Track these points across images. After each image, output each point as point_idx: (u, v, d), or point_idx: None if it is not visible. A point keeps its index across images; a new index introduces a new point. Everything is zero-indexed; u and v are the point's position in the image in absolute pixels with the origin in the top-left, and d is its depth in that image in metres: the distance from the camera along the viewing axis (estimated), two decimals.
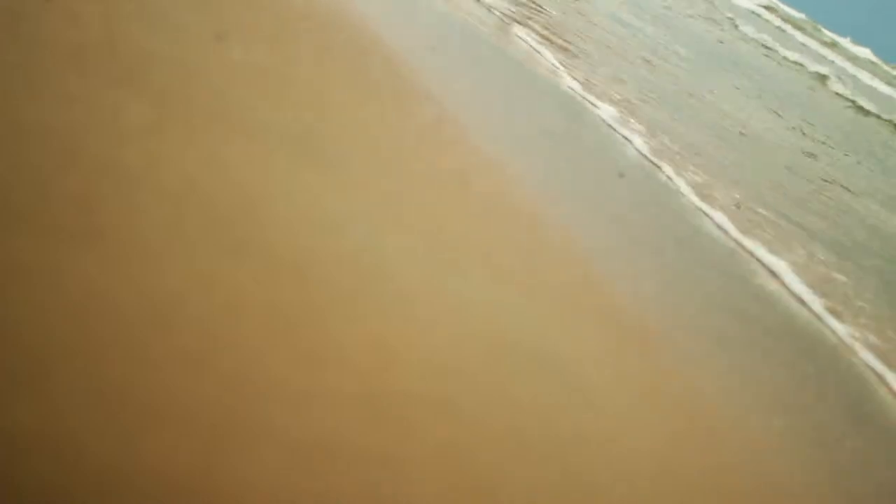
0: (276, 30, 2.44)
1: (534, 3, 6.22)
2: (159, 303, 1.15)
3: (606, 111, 4.35)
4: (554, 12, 6.47)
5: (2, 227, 1.11)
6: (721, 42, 12.44)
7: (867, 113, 12.92)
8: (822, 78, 13.87)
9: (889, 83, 17.12)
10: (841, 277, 3.99)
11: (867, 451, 2.53)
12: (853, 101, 13.16)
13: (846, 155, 8.60)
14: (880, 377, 2.99)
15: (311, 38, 2.57)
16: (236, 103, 1.84)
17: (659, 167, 4.03)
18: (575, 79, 4.63)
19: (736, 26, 14.93)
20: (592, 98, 4.46)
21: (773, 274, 3.46)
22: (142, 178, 1.38)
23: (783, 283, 3.43)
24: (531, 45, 4.94)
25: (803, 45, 17.06)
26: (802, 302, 3.36)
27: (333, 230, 1.63)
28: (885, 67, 19.56)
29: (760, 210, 4.37)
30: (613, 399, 1.75)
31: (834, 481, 2.17)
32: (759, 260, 3.55)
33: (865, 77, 16.63)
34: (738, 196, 4.35)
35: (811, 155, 7.29)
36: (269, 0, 2.67)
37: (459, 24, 4.46)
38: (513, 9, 5.69)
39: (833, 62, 16.43)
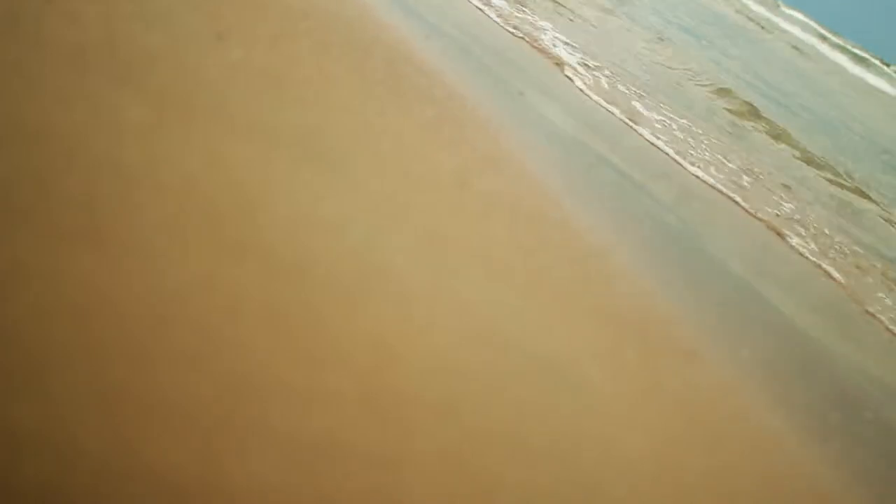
0: (276, 30, 2.44)
1: None
2: (159, 303, 1.15)
3: None
4: None
5: (2, 227, 1.11)
6: None
7: None
8: None
9: None
10: None
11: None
12: None
13: None
14: None
15: (311, 38, 2.57)
16: (236, 103, 1.84)
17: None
18: None
19: None
20: None
21: None
22: (142, 178, 1.38)
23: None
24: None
25: None
26: None
27: (333, 230, 1.63)
28: None
29: None
30: (613, 399, 1.75)
31: (836, 481, 2.17)
32: None
33: None
34: None
35: None
36: (269, 0, 2.67)
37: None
38: None
39: None
